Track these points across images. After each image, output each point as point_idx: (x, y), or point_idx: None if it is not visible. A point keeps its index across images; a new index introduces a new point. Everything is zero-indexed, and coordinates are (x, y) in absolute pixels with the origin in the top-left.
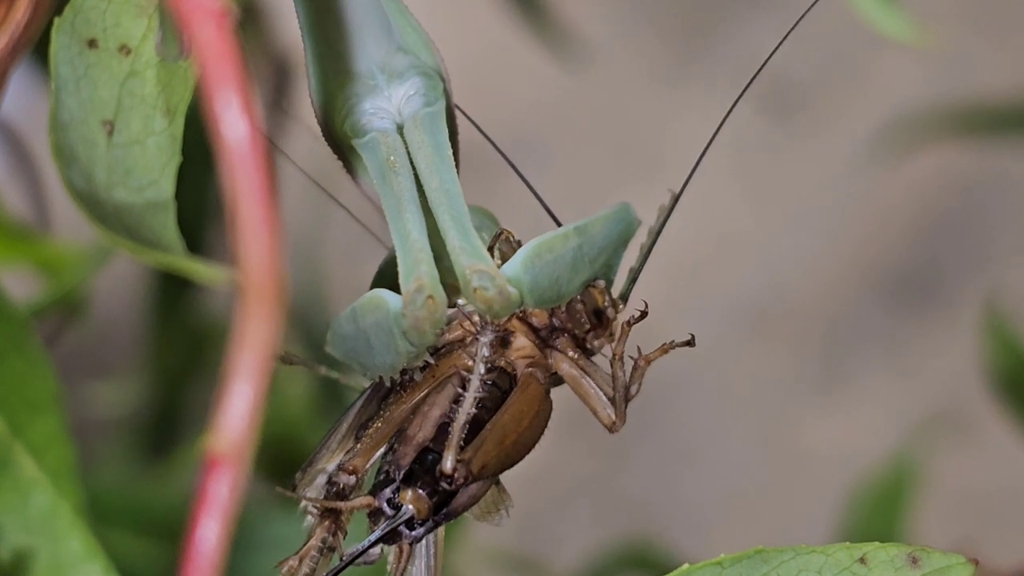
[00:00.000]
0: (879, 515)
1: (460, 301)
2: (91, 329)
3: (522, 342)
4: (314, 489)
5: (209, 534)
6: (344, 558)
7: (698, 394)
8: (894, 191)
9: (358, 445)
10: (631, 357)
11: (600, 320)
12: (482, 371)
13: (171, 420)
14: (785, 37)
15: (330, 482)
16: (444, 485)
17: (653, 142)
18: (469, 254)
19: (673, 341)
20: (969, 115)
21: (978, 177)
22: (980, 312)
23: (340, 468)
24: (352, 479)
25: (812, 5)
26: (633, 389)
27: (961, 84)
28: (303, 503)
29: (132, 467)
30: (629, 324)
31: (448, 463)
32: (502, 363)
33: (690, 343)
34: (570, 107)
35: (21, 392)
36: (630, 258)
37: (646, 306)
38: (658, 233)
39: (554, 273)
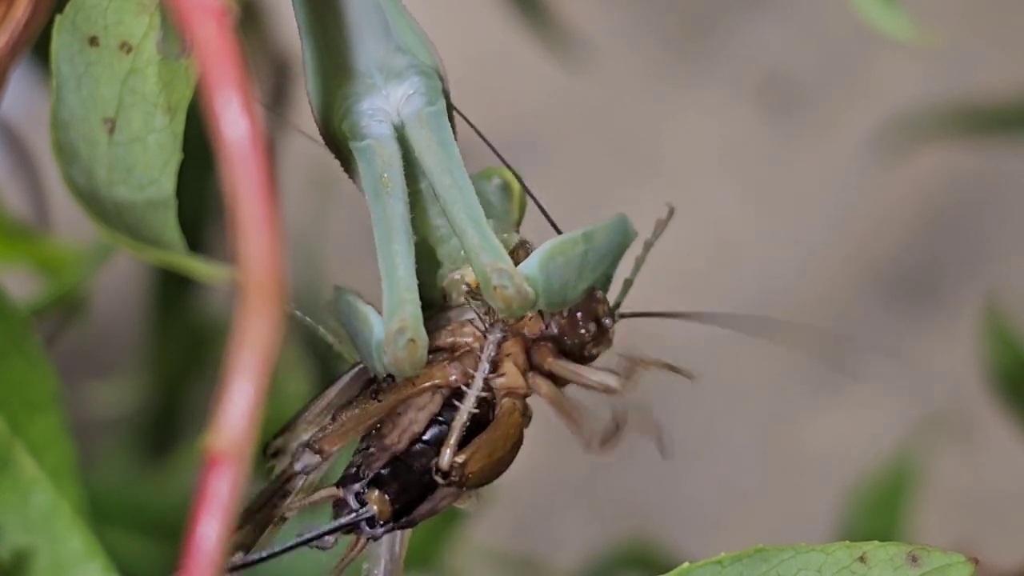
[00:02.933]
0: (879, 515)
1: (454, 311)
2: (91, 329)
3: (508, 369)
4: (284, 454)
5: (210, 532)
6: (298, 538)
7: (698, 393)
8: (894, 191)
9: (331, 426)
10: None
11: (599, 329)
12: (487, 369)
13: (171, 420)
14: None
15: (296, 454)
16: (438, 479)
17: (653, 141)
18: (489, 252)
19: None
20: (969, 115)
21: (978, 177)
22: (980, 312)
23: (308, 445)
24: (316, 458)
25: None
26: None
27: (961, 84)
28: (269, 465)
29: (132, 467)
30: (639, 364)
31: (445, 460)
32: (485, 393)
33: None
34: (570, 107)
35: (21, 391)
36: (623, 269)
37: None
38: (651, 246)
39: (564, 276)
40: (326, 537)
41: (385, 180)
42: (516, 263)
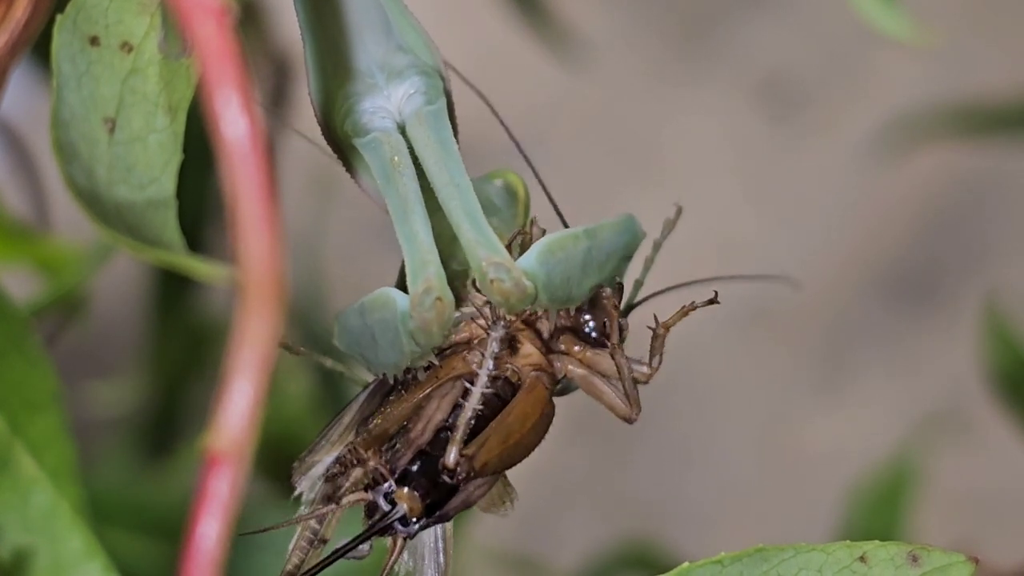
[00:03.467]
0: (879, 514)
1: (465, 309)
2: (91, 329)
3: (529, 349)
4: (310, 479)
5: (209, 532)
6: (334, 551)
7: (698, 393)
8: (894, 190)
9: (358, 440)
10: (649, 327)
11: (610, 325)
12: (491, 366)
13: (171, 420)
14: None
15: (327, 474)
16: (445, 479)
17: (653, 141)
18: (485, 246)
19: (694, 302)
20: (969, 115)
21: (978, 176)
22: (980, 312)
23: (338, 461)
24: (349, 472)
25: None
26: (655, 361)
27: (961, 84)
28: (297, 492)
29: (132, 467)
30: (615, 308)
31: (451, 457)
32: (508, 372)
33: (713, 301)
34: (570, 107)
35: (21, 391)
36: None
37: (621, 285)
38: (660, 246)
39: (566, 272)
40: (361, 546)
41: (396, 162)
42: (524, 246)
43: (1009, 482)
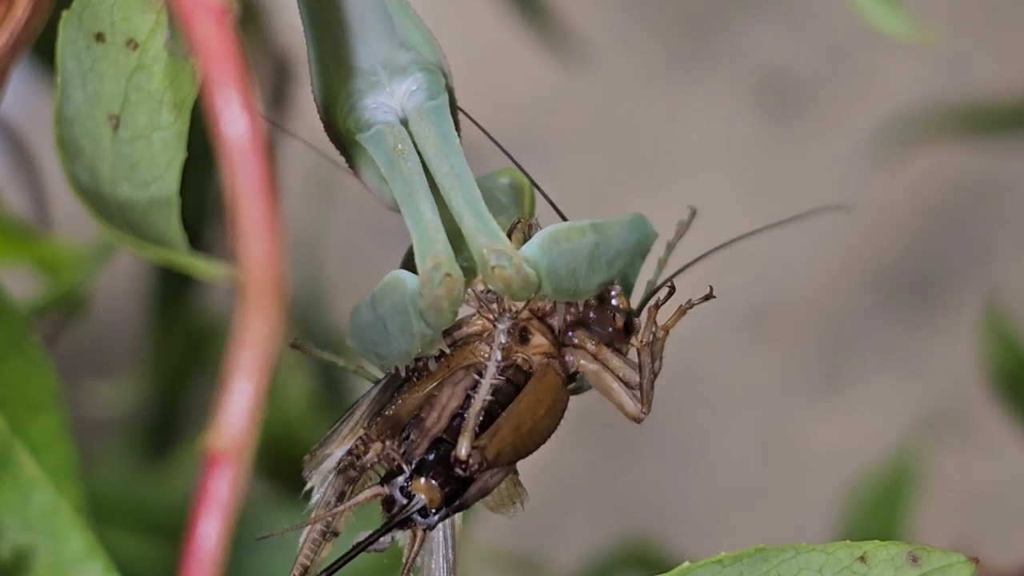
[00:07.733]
0: (879, 514)
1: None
2: (91, 329)
3: (540, 340)
4: (321, 473)
5: (210, 532)
6: (354, 545)
7: (699, 394)
8: (894, 191)
9: (371, 431)
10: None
11: (620, 323)
12: (499, 358)
13: (171, 420)
14: None
15: (339, 466)
16: (458, 471)
17: (653, 141)
18: (486, 234)
19: (690, 300)
20: (969, 115)
21: (978, 176)
22: (980, 312)
23: (350, 452)
24: (362, 461)
25: None
26: (656, 365)
27: (961, 84)
28: (308, 486)
29: (132, 467)
30: (656, 307)
31: (463, 449)
32: (519, 359)
33: (709, 296)
34: (570, 107)
35: (21, 391)
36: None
37: (673, 287)
38: (673, 247)
39: (571, 264)
40: (382, 538)
41: (399, 149)
42: (528, 238)
43: (1009, 482)
